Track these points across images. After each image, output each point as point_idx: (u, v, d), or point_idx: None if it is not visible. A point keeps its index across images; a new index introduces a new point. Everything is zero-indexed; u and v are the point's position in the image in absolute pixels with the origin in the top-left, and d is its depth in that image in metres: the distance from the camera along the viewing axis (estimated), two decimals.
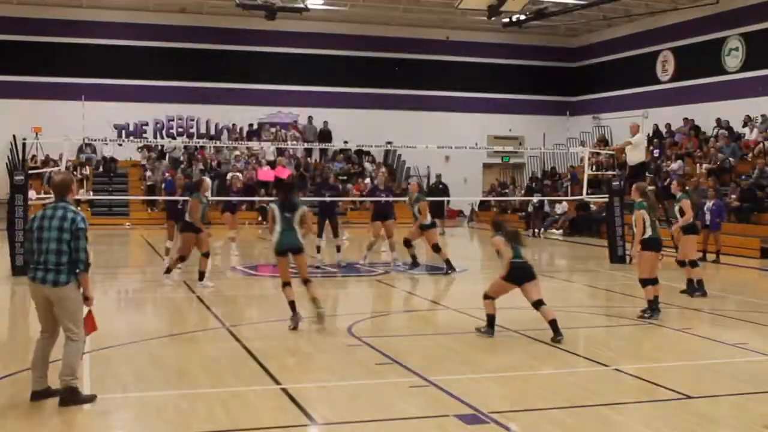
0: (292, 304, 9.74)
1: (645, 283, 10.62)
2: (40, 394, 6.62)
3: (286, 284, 9.79)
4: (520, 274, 9.31)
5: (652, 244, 10.57)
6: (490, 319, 9.43)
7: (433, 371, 7.62)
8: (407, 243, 15.40)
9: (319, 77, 32.30)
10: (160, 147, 30.49)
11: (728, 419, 6.32)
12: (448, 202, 26.53)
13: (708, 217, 17.76)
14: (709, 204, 17.96)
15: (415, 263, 15.51)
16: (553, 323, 9.16)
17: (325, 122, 32.09)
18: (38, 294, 6.62)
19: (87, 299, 6.72)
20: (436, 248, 15.42)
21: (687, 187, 13.88)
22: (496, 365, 8.27)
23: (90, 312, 6.81)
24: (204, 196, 13.27)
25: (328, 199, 17.06)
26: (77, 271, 6.57)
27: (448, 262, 15.22)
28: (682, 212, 12.91)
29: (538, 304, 9.33)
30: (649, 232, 10.51)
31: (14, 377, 7.42)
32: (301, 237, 9.76)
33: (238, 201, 15.85)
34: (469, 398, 6.74)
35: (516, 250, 9.34)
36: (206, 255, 13.12)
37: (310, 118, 32.33)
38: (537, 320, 10.85)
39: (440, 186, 26.52)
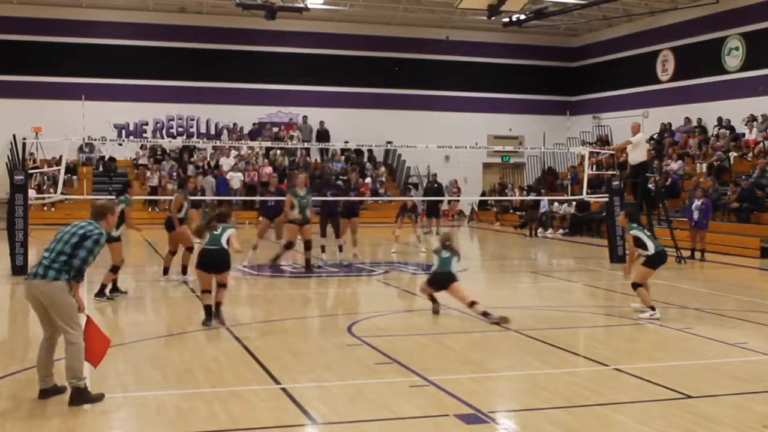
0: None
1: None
2: (47, 392, 6.65)
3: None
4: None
5: None
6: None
7: (433, 371, 7.62)
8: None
9: (319, 77, 32.31)
10: (160, 147, 30.56)
11: (728, 419, 6.31)
12: (443, 202, 26.51)
13: (696, 215, 17.78)
14: (697, 203, 17.97)
15: None
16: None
17: (321, 122, 32.10)
18: (31, 294, 6.62)
19: (79, 308, 6.68)
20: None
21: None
22: (496, 365, 8.28)
23: (96, 333, 6.81)
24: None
25: (330, 198, 17.18)
26: (67, 278, 6.51)
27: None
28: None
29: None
30: None
31: (14, 377, 7.42)
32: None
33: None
34: (469, 398, 6.74)
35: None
36: (190, 249, 13.54)
37: (304, 117, 32.38)
38: (537, 320, 10.87)
39: (435, 185, 26.49)
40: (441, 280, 10.70)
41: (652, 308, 10.57)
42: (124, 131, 31.09)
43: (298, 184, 15.01)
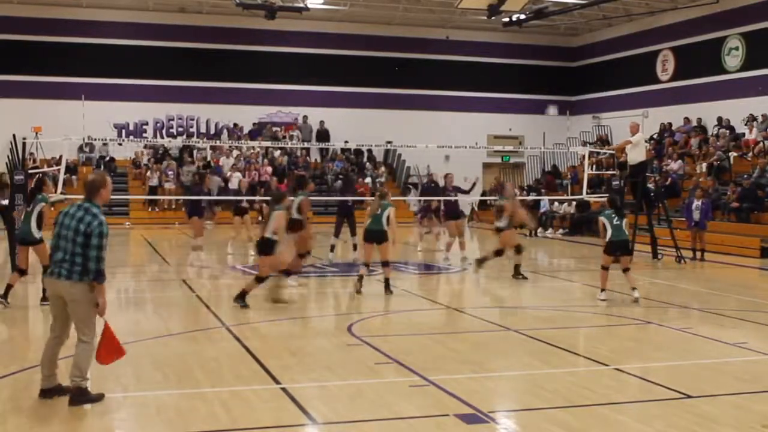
0: None
1: None
2: (48, 392, 6.66)
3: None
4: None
5: None
6: None
7: (433, 371, 7.62)
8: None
9: (319, 77, 32.31)
10: (162, 147, 30.59)
11: (728, 419, 6.31)
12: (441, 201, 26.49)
13: (696, 215, 17.79)
14: (697, 203, 17.98)
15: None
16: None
17: (321, 122, 32.11)
18: (54, 290, 6.63)
19: (97, 305, 6.57)
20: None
21: None
22: (496, 365, 8.27)
23: (112, 340, 6.77)
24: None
25: (351, 199, 17.55)
26: (89, 279, 6.48)
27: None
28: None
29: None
30: None
31: (15, 377, 7.42)
32: None
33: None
34: (469, 398, 6.74)
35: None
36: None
37: (305, 117, 32.40)
38: (537, 320, 10.88)
39: (432, 185, 26.47)
40: (374, 236, 12.28)
41: (602, 290, 11.97)
42: (124, 131, 31.09)
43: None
